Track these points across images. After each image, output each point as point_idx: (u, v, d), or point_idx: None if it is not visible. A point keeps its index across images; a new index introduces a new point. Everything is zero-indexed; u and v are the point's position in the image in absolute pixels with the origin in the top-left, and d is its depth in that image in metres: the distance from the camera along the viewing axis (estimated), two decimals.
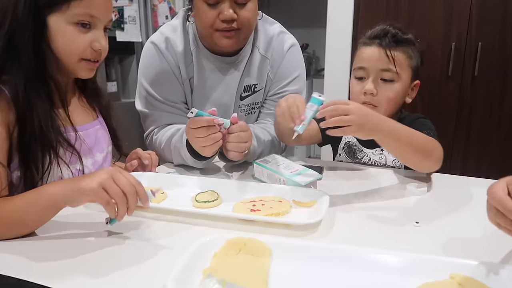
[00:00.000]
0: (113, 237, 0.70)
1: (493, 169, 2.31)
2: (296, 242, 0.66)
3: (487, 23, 2.17)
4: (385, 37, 1.02)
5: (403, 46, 1.02)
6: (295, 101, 0.84)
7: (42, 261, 0.61)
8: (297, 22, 3.70)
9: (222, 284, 0.52)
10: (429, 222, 0.76)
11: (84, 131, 0.90)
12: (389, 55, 1.00)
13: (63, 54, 0.81)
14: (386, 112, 1.04)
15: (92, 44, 0.82)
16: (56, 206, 0.68)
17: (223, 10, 1.05)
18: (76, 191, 0.66)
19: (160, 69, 1.18)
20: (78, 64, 0.83)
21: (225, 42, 1.11)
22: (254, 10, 1.12)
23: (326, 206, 0.76)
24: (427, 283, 0.54)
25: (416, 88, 1.08)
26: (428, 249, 0.64)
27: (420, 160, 0.91)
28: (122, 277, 0.57)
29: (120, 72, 2.83)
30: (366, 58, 1.03)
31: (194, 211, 0.80)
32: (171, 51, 1.18)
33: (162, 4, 2.89)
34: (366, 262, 0.58)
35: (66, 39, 0.80)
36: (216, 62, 1.21)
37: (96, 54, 0.84)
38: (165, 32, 1.21)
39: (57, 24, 0.79)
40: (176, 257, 0.55)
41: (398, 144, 0.86)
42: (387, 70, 1.00)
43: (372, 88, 1.01)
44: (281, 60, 1.26)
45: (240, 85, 1.25)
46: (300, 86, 1.29)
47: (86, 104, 0.96)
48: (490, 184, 0.56)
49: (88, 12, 0.80)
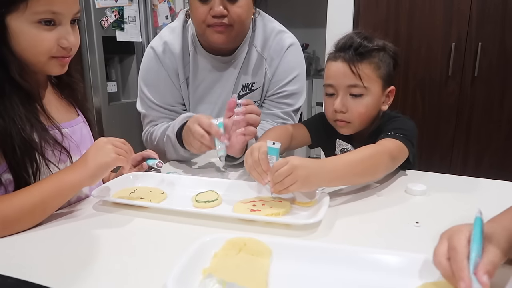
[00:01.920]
0: (112, 237, 0.70)
1: (493, 169, 2.31)
2: (296, 242, 0.65)
3: (487, 23, 2.17)
4: (349, 50, 0.99)
5: (369, 57, 0.99)
6: (259, 155, 0.83)
7: (42, 261, 0.61)
8: (297, 22, 3.71)
9: (222, 284, 0.52)
10: (429, 222, 0.76)
11: (70, 128, 0.89)
12: (354, 71, 0.98)
13: (29, 55, 0.76)
14: (361, 125, 1.04)
15: (59, 42, 0.77)
16: (75, 191, 0.77)
17: (213, 6, 1.08)
18: (99, 169, 0.76)
19: (157, 73, 1.23)
20: (48, 62, 0.79)
21: (216, 37, 1.13)
22: (246, 6, 1.12)
23: (326, 206, 0.76)
24: (427, 283, 0.54)
25: (391, 94, 1.05)
26: (428, 249, 0.64)
27: (370, 178, 0.92)
28: (122, 277, 0.57)
29: (120, 72, 2.83)
30: (333, 75, 1.02)
31: (194, 211, 0.80)
32: (169, 54, 1.21)
33: (162, 4, 2.89)
34: (366, 262, 0.58)
35: (30, 40, 0.75)
36: (213, 61, 1.23)
37: (65, 51, 0.79)
38: (164, 36, 1.24)
39: (18, 25, 0.73)
40: (176, 257, 0.55)
41: (344, 179, 0.86)
42: (355, 86, 0.99)
43: (341, 106, 1.00)
44: (279, 60, 1.25)
45: (237, 83, 1.26)
46: (300, 85, 1.29)
47: (66, 102, 0.93)
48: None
49: (49, 9, 0.74)
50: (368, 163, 0.87)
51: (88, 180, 0.76)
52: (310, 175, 0.78)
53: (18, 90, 0.76)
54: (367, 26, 2.38)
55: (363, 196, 0.90)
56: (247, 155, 0.86)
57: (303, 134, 1.17)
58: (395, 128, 0.98)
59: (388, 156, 0.90)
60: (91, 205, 0.84)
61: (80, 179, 0.75)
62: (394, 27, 2.36)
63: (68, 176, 0.75)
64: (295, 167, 0.76)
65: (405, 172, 1.06)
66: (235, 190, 0.89)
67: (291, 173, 0.76)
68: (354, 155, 0.88)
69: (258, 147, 0.84)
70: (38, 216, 0.73)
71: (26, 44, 0.75)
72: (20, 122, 0.75)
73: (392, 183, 0.99)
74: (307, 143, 1.19)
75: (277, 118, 1.28)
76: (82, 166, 0.76)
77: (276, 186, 0.78)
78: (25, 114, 0.76)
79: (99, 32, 2.50)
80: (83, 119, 0.96)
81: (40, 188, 0.73)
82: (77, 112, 0.95)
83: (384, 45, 1.03)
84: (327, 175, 0.81)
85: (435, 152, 2.38)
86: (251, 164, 0.84)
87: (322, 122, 1.13)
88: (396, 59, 1.05)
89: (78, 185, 0.76)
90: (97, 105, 2.55)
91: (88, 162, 0.76)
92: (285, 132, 1.11)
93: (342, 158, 0.89)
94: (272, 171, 0.78)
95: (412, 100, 2.40)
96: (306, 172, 0.77)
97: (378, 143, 0.94)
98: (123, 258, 0.63)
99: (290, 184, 0.76)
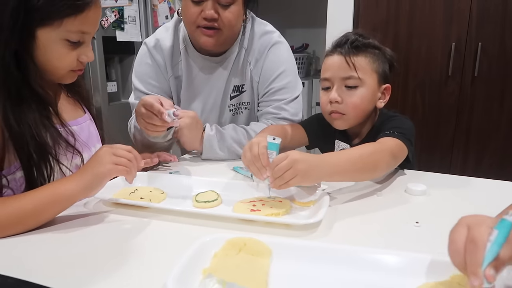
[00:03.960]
0: (113, 237, 0.70)
1: (493, 169, 2.31)
2: (296, 242, 0.65)
3: (487, 23, 2.17)
4: (345, 44, 1.01)
5: (364, 51, 1.01)
6: (259, 150, 0.83)
7: (42, 261, 0.61)
8: (297, 22, 3.71)
9: (222, 284, 0.52)
10: (429, 222, 0.76)
11: (78, 125, 0.91)
12: (349, 62, 0.99)
13: (51, 68, 0.80)
14: (355, 118, 1.04)
15: (80, 58, 0.81)
16: (70, 201, 0.73)
17: (205, 9, 1.10)
18: (94, 180, 0.73)
19: (147, 65, 1.27)
20: (65, 74, 0.83)
21: (204, 40, 1.15)
22: (237, 12, 1.14)
23: (326, 206, 0.76)
24: (427, 283, 0.54)
25: (387, 92, 1.06)
26: (428, 249, 0.64)
27: (370, 175, 0.91)
28: (122, 277, 0.57)
29: (120, 72, 2.83)
30: (329, 68, 1.03)
31: (194, 211, 0.80)
32: (159, 50, 1.26)
33: (162, 4, 2.89)
34: (366, 262, 0.58)
35: (54, 55, 0.78)
36: (203, 61, 1.25)
37: (82, 65, 0.84)
38: (158, 34, 1.29)
39: (47, 39, 0.76)
40: (176, 257, 0.55)
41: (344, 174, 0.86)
42: (350, 77, 1.00)
43: (336, 96, 1.01)
44: (263, 61, 1.27)
45: (227, 84, 1.28)
46: (289, 80, 1.28)
47: (72, 99, 0.95)
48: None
49: (81, 29, 0.78)
50: (368, 159, 0.87)
51: (83, 191, 0.73)
52: (310, 169, 0.77)
53: (35, 97, 0.78)
54: (367, 26, 2.38)
55: (363, 196, 0.90)
56: (245, 150, 0.86)
57: (300, 134, 1.17)
58: (393, 127, 0.98)
59: (389, 154, 0.90)
60: (91, 205, 0.84)
61: (75, 189, 0.72)
62: (394, 27, 2.35)
63: (63, 186, 0.73)
64: (295, 161, 0.76)
65: (405, 172, 1.06)
66: (235, 190, 0.89)
67: (291, 167, 0.75)
68: (355, 151, 0.88)
69: (257, 142, 0.83)
70: (30, 223, 0.70)
71: (50, 57, 0.78)
72: (35, 127, 0.76)
73: (392, 183, 0.99)
74: (304, 144, 1.19)
75: (268, 114, 1.27)
76: (78, 176, 0.74)
77: (276, 180, 0.77)
78: (40, 119, 0.78)
79: (99, 32, 2.49)
80: (89, 116, 0.98)
81: (34, 196, 0.71)
82: (84, 110, 0.97)
83: (380, 46, 1.04)
84: (327, 169, 0.81)
85: (435, 152, 2.38)
86: (250, 158, 0.83)
87: (320, 123, 1.13)
88: (392, 61, 1.06)
89: (73, 196, 0.73)
90: (97, 105, 2.55)
91: (84, 173, 0.74)
92: (281, 131, 1.11)
93: (343, 154, 0.89)
94: (272, 166, 0.77)
95: (412, 100, 2.40)
96: (306, 166, 0.77)
97: (378, 141, 0.94)
98: (123, 258, 0.63)
99: (290, 178, 0.76)
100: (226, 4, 1.11)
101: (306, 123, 1.20)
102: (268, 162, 0.81)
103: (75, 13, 0.75)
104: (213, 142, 1.17)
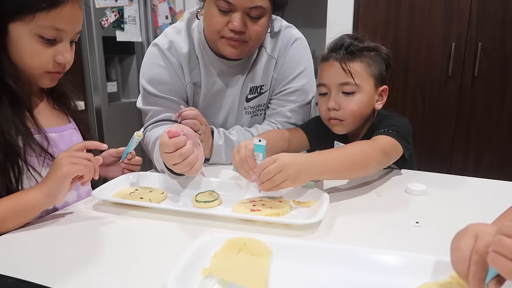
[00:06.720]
0: (113, 237, 0.70)
1: (493, 169, 2.31)
2: (296, 242, 0.65)
3: (487, 23, 2.17)
4: (340, 49, 1.01)
5: (360, 56, 1.00)
6: (245, 153, 0.83)
7: (42, 261, 0.61)
8: (297, 22, 3.70)
9: (222, 284, 0.52)
10: (429, 222, 0.76)
11: (58, 133, 0.88)
12: (345, 69, 0.99)
13: (24, 65, 0.77)
14: (354, 123, 1.05)
15: (56, 58, 0.78)
16: (35, 211, 0.73)
17: (233, 20, 1.02)
18: (55, 183, 0.72)
19: (160, 67, 1.16)
20: (41, 75, 0.80)
21: (229, 50, 1.08)
22: (266, 25, 1.08)
23: (326, 206, 0.76)
24: (427, 283, 0.54)
25: (384, 93, 1.06)
26: (428, 249, 0.64)
27: (361, 172, 0.91)
28: (122, 277, 0.57)
29: (120, 72, 2.83)
30: (325, 74, 1.03)
31: (194, 211, 0.79)
32: (174, 53, 1.16)
33: (162, 4, 2.89)
34: (366, 262, 0.58)
35: (27, 51, 0.76)
36: (221, 65, 1.18)
37: (59, 67, 0.80)
38: (169, 35, 1.18)
39: (19, 34, 0.74)
40: (176, 257, 0.55)
41: (334, 173, 0.86)
42: (346, 84, 1.00)
43: (334, 104, 1.01)
44: (284, 57, 1.22)
45: (245, 86, 1.22)
46: (307, 81, 1.25)
47: (58, 111, 0.92)
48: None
49: (55, 25, 0.75)
50: (358, 157, 0.87)
51: (47, 199, 0.72)
52: (300, 171, 0.78)
53: (8, 93, 0.76)
54: (367, 26, 2.38)
55: (363, 196, 0.90)
56: (234, 153, 0.86)
57: (301, 138, 1.16)
58: (388, 126, 0.98)
59: (380, 151, 0.90)
60: (91, 205, 0.84)
61: (38, 199, 0.72)
62: (394, 27, 2.35)
63: (26, 195, 0.72)
64: (284, 165, 0.76)
65: (405, 172, 1.06)
66: (235, 190, 0.89)
67: (281, 170, 0.76)
68: (345, 150, 0.89)
69: (245, 145, 0.84)
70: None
71: (23, 54, 0.76)
72: (5, 124, 0.74)
73: (392, 183, 0.99)
74: (306, 148, 1.18)
75: (280, 116, 1.23)
76: (40, 185, 0.74)
77: (265, 184, 0.77)
78: (12, 117, 0.75)
79: (99, 32, 2.50)
80: (75, 126, 0.95)
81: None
82: (69, 120, 0.94)
83: (376, 46, 1.04)
84: (317, 169, 0.82)
85: (435, 152, 2.38)
86: (238, 161, 0.84)
87: (319, 125, 1.13)
88: (388, 60, 1.06)
89: (37, 205, 0.72)
90: (97, 105, 2.55)
91: (45, 180, 0.74)
92: (281, 137, 1.11)
93: (333, 153, 0.90)
94: (259, 169, 0.78)
95: (412, 100, 2.40)
96: (296, 169, 0.77)
97: (371, 139, 0.95)
98: (123, 258, 0.63)
99: (281, 181, 0.76)
100: (255, 17, 1.03)
101: (305, 126, 1.19)
102: (255, 165, 0.82)
103: (48, 7, 0.73)
104: (221, 151, 1.14)
